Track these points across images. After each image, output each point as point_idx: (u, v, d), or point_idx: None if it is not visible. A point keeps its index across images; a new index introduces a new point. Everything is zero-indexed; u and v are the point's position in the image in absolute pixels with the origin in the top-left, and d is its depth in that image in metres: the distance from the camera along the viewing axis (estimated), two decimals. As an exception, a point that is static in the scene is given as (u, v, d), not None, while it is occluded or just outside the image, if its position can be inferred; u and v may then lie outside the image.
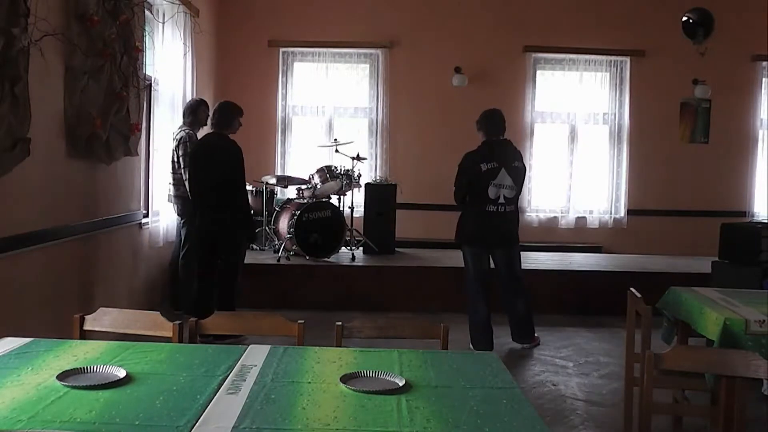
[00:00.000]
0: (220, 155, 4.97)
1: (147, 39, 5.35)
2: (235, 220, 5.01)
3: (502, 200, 4.94)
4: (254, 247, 7.04)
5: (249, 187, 7.04)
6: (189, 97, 6.32)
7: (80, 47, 4.06)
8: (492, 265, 5.20)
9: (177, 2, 5.87)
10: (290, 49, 8.25)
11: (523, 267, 5.33)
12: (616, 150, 8.45)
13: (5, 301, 3.50)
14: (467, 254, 5.11)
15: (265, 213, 6.93)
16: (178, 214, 5.72)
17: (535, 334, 5.32)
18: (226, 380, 2.01)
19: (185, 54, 6.16)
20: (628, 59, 8.31)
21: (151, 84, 5.65)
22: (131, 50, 4.69)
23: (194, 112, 5.70)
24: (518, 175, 5.04)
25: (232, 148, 4.99)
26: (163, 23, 5.73)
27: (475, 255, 5.08)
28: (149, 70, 5.50)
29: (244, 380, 2.01)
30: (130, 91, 4.71)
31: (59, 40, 3.85)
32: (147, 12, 5.29)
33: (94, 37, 4.20)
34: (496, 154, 4.97)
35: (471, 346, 5.02)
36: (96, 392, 1.87)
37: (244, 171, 5.05)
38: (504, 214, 4.98)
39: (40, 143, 3.67)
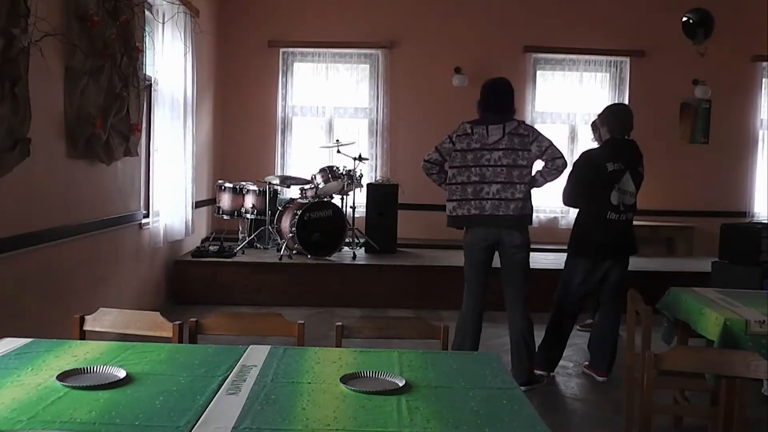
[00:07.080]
0: None
1: (147, 39, 5.35)
2: None
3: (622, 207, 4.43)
4: (257, 245, 7.04)
5: (252, 187, 7.07)
6: (189, 98, 6.32)
7: (80, 47, 4.06)
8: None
9: (177, 2, 5.87)
10: (290, 49, 8.25)
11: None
12: (616, 150, 8.45)
13: (5, 301, 3.50)
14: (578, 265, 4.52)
15: (268, 212, 6.94)
16: None
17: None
18: (226, 381, 2.00)
19: (185, 54, 6.16)
20: (627, 59, 8.31)
21: (151, 84, 5.64)
22: (131, 50, 4.69)
23: None
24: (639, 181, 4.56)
25: None
26: (163, 23, 5.73)
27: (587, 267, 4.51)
28: (149, 71, 5.49)
29: (244, 380, 2.00)
30: (130, 91, 4.71)
31: (59, 40, 3.85)
32: (147, 12, 5.29)
33: (94, 38, 4.20)
34: (620, 155, 4.51)
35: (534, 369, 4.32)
36: (96, 393, 1.86)
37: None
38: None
39: (40, 143, 3.67)
